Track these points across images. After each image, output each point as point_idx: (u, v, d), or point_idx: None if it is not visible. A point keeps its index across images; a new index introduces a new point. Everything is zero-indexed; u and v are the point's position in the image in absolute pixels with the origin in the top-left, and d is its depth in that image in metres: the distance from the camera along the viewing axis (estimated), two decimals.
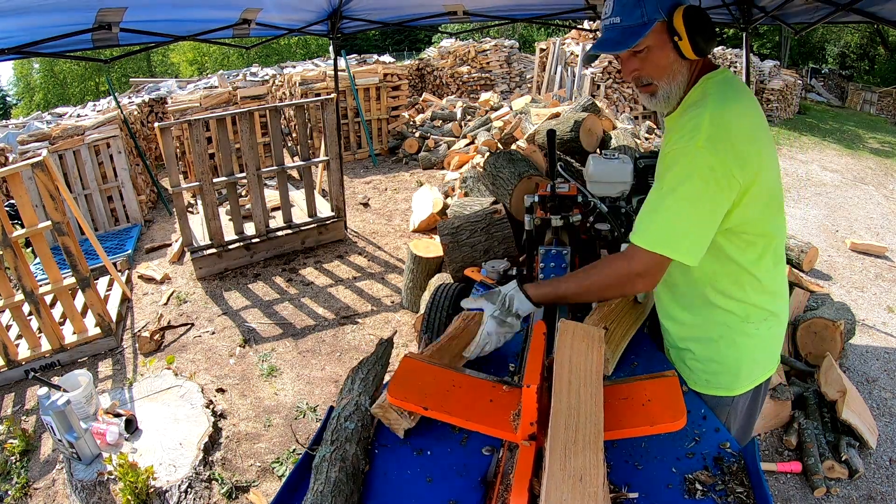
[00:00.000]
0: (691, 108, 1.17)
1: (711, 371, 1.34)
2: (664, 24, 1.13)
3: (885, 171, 8.17)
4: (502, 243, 3.01)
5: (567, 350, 1.03)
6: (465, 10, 4.13)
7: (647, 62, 1.18)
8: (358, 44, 25.66)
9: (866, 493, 2.38)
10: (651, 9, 1.12)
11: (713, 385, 1.34)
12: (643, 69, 1.19)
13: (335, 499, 0.96)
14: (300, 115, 4.70)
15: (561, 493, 0.79)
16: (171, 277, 4.64)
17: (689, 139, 1.10)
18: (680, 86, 1.20)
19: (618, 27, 1.15)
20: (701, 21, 1.12)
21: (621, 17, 1.14)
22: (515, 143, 5.07)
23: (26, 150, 5.41)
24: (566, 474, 0.81)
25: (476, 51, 11.65)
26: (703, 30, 1.12)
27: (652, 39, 1.15)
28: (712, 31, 1.14)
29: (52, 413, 2.33)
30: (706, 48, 1.14)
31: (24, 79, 28.12)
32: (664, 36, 1.14)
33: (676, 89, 1.20)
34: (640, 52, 1.17)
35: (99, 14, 2.67)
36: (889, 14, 2.88)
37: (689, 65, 1.19)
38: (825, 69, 20.20)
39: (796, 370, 2.96)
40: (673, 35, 1.13)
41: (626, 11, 1.14)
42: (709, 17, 1.14)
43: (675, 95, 1.21)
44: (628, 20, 1.14)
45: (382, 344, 1.40)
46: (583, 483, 0.80)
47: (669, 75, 1.18)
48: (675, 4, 1.14)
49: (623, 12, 1.14)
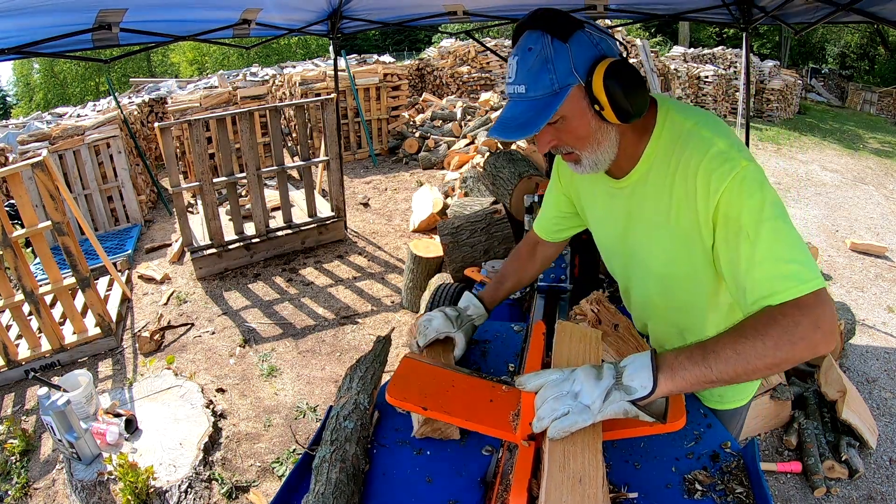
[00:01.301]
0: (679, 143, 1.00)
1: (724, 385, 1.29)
2: (581, 87, 0.93)
3: (885, 171, 8.17)
4: (502, 243, 3.01)
5: (565, 352, 1.02)
6: (465, 10, 4.13)
7: (564, 132, 0.99)
8: (358, 44, 25.65)
9: (866, 493, 2.38)
10: (563, 72, 0.91)
11: (727, 399, 1.29)
12: (560, 139, 1.00)
13: (337, 500, 0.96)
14: (300, 115, 4.70)
15: (561, 494, 0.78)
16: (171, 277, 4.64)
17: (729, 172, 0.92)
18: (608, 150, 1.02)
19: (523, 100, 0.93)
20: (624, 80, 0.90)
21: (526, 85, 0.92)
22: (515, 142, 5.07)
23: (26, 150, 5.41)
24: (565, 476, 0.81)
25: (476, 51, 11.65)
26: (628, 91, 0.91)
27: (567, 108, 0.94)
28: (641, 89, 0.94)
29: (52, 413, 2.33)
30: (635, 111, 0.94)
31: (24, 79, 28.12)
32: (583, 102, 0.94)
33: (604, 155, 1.02)
34: (554, 123, 0.97)
35: (99, 14, 2.67)
36: (889, 14, 2.88)
37: (615, 127, 1.00)
38: (825, 69, 20.20)
39: (796, 370, 2.96)
40: (593, 103, 0.94)
41: (533, 78, 0.92)
42: (634, 72, 0.92)
43: (604, 161, 1.03)
44: (535, 90, 0.92)
45: (380, 342, 1.40)
46: (582, 485, 0.80)
47: (593, 143, 1.00)
48: (595, 60, 0.92)
49: (528, 79, 0.92)
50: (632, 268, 1.22)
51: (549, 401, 0.86)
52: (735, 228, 0.92)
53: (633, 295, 1.29)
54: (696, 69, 11.00)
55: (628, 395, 0.84)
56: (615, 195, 1.14)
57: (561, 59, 0.91)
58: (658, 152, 1.03)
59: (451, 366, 1.18)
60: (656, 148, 1.03)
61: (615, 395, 0.84)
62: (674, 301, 1.17)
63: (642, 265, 1.17)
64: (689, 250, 1.04)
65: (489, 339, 1.53)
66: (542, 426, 0.85)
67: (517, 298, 2.18)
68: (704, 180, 0.94)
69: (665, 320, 1.25)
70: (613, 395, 0.84)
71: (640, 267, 1.19)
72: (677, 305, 1.17)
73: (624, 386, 0.84)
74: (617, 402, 0.84)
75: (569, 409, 0.84)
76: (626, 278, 1.28)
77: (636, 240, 1.15)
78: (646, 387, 0.83)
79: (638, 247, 1.15)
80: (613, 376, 0.86)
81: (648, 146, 1.04)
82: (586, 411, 0.84)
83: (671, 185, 1.01)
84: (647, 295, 1.22)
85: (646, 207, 1.08)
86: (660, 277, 1.14)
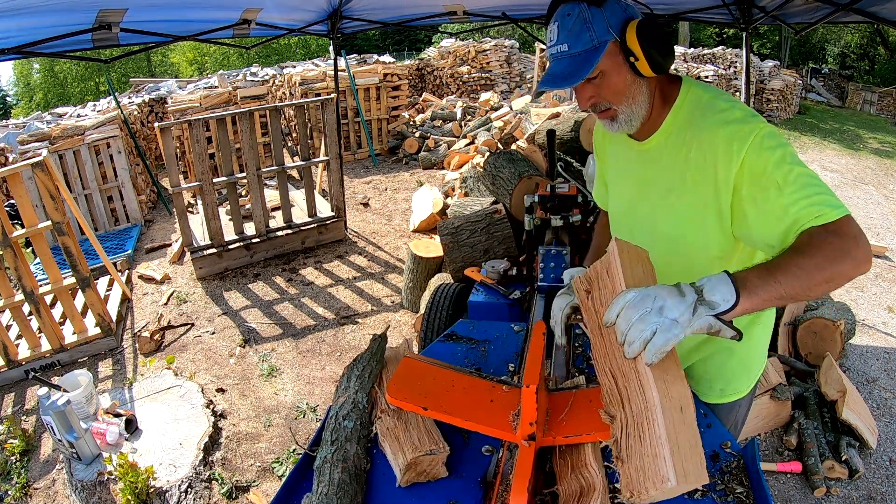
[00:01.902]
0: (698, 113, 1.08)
1: (726, 378, 1.32)
2: (617, 44, 1.03)
3: (885, 171, 8.17)
4: (502, 243, 3.01)
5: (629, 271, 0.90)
6: (465, 10, 4.13)
7: (603, 87, 1.08)
8: (358, 44, 25.65)
9: (866, 493, 2.38)
10: (601, 30, 1.02)
11: (728, 392, 1.32)
12: (599, 95, 1.09)
13: (340, 500, 0.96)
14: (300, 115, 4.70)
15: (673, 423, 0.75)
16: (171, 277, 4.64)
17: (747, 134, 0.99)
18: (641, 106, 1.11)
19: (566, 56, 1.04)
20: (656, 35, 1.02)
21: (569, 43, 1.03)
22: (515, 143, 5.07)
23: (26, 150, 5.41)
24: (672, 405, 0.77)
25: (476, 51, 11.65)
26: (659, 44, 1.02)
27: (606, 63, 1.04)
28: (669, 44, 1.04)
29: (52, 413, 2.33)
30: (665, 63, 1.05)
31: (24, 79, 28.13)
32: (618, 57, 1.05)
33: (638, 110, 1.11)
34: (594, 79, 1.07)
35: (99, 14, 2.67)
36: (889, 14, 2.88)
37: (647, 83, 1.10)
38: (825, 69, 20.18)
39: (796, 370, 2.96)
40: (628, 55, 1.04)
41: (574, 37, 1.02)
42: (663, 29, 1.04)
43: (637, 117, 1.12)
44: (577, 46, 1.03)
45: (376, 339, 1.39)
46: (683, 413, 0.77)
47: (629, 97, 1.09)
48: (626, 20, 1.03)
49: (570, 38, 1.03)
50: (639, 230, 1.26)
51: (634, 322, 0.82)
52: (763, 183, 0.98)
53: None
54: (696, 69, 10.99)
55: (712, 310, 0.83)
56: (635, 158, 1.22)
57: (597, 20, 1.02)
58: (678, 121, 1.12)
59: (451, 366, 1.18)
60: (677, 117, 1.12)
61: (701, 310, 0.83)
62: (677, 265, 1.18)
63: (651, 227, 1.21)
64: (701, 213, 1.10)
65: (489, 339, 1.53)
66: (635, 350, 0.81)
67: (517, 298, 2.18)
68: (725, 145, 1.02)
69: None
70: (700, 310, 0.83)
71: (648, 229, 1.22)
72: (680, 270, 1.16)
73: (707, 301, 0.84)
74: (703, 317, 0.83)
75: (657, 327, 0.80)
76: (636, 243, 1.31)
77: (648, 202, 1.20)
78: (728, 300, 0.84)
79: (649, 209, 1.21)
80: (694, 292, 0.85)
81: (670, 114, 1.13)
82: (675, 325, 0.81)
83: (687, 151, 1.09)
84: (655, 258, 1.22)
85: (661, 171, 1.15)
86: (667, 239, 1.18)
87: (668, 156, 1.13)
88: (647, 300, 0.83)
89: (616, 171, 1.33)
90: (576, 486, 0.93)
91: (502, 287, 2.27)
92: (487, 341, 1.51)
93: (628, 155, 1.24)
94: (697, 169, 1.07)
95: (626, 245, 0.95)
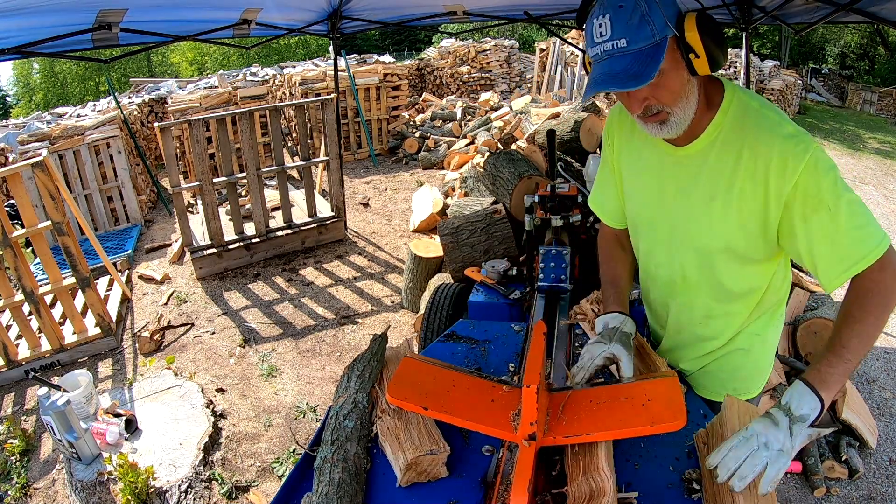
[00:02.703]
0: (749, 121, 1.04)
1: (741, 378, 1.33)
2: (675, 40, 0.95)
3: (885, 171, 8.17)
4: (502, 243, 3.01)
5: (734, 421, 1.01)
6: (465, 10, 4.13)
7: (661, 88, 0.98)
8: (358, 44, 25.65)
9: (866, 493, 2.38)
10: (660, 24, 0.92)
11: (740, 392, 1.33)
12: (657, 97, 0.99)
13: (340, 500, 0.96)
14: (300, 115, 4.70)
15: None
16: (171, 277, 4.64)
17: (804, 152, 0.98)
18: (692, 107, 1.02)
19: (626, 53, 0.93)
20: (716, 29, 0.95)
21: (627, 38, 0.92)
22: (515, 143, 5.07)
23: (26, 150, 5.41)
24: None
25: (476, 51, 11.65)
26: (718, 39, 0.95)
27: (666, 61, 0.94)
28: (724, 39, 0.98)
29: (52, 413, 2.33)
30: (721, 61, 0.97)
31: (24, 79, 28.13)
32: (677, 54, 0.96)
33: (690, 112, 1.02)
34: None
35: (99, 14, 2.67)
36: (889, 14, 2.88)
37: (698, 82, 1.02)
38: (825, 69, 20.18)
39: (796, 370, 2.95)
40: (687, 52, 0.95)
41: (633, 31, 0.92)
42: (717, 21, 1.00)
43: (687, 120, 1.03)
44: (637, 42, 0.92)
45: (376, 339, 1.39)
46: None
47: (683, 99, 1.00)
48: (679, 13, 0.96)
49: (629, 33, 0.92)
50: (669, 239, 1.21)
51: (745, 460, 0.89)
52: (814, 203, 0.99)
53: (660, 271, 1.27)
54: None
55: (805, 423, 0.92)
56: (670, 163, 1.15)
57: (655, 13, 0.93)
58: (725, 126, 1.06)
59: (451, 366, 1.18)
60: (723, 121, 1.06)
61: (796, 429, 0.91)
62: (710, 278, 1.18)
63: (685, 236, 1.17)
64: (745, 225, 1.07)
65: (489, 339, 1.53)
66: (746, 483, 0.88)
67: (517, 298, 2.18)
68: (780, 160, 0.99)
69: (693, 300, 1.24)
70: (795, 430, 0.91)
71: (680, 238, 1.18)
72: (712, 283, 1.18)
73: (797, 417, 0.92)
74: (802, 434, 0.92)
75: (767, 461, 0.88)
76: (656, 252, 1.26)
77: (684, 210, 1.15)
78: (815, 408, 0.93)
79: (683, 217, 1.16)
80: (786, 415, 0.93)
81: (716, 118, 1.07)
82: (783, 455, 0.89)
83: (737, 160, 1.04)
84: (681, 269, 1.21)
85: (702, 178, 1.10)
86: (702, 251, 1.15)
87: (713, 161, 1.08)
88: (752, 440, 0.91)
89: (641, 177, 1.24)
90: (586, 489, 0.93)
91: (502, 287, 2.27)
92: (487, 341, 1.51)
93: (662, 160, 1.17)
94: (747, 178, 1.03)
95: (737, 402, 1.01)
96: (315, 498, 0.97)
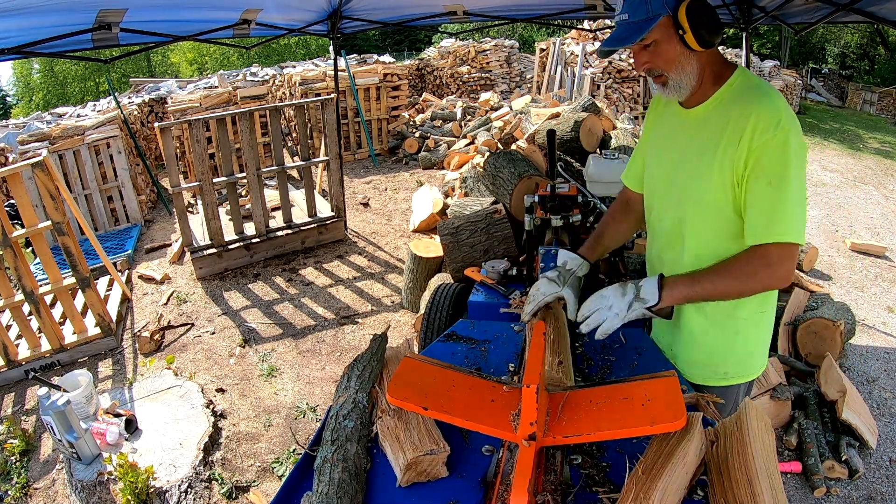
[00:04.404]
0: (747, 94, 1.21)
1: (731, 362, 1.39)
2: (670, 18, 1.19)
3: (885, 171, 8.17)
4: (502, 243, 3.01)
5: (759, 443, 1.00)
6: (465, 10, 4.13)
7: (656, 55, 1.25)
8: (358, 44, 25.64)
9: (866, 493, 2.38)
10: (656, 5, 1.19)
11: (731, 376, 1.40)
12: (653, 61, 1.26)
13: (340, 500, 0.96)
14: (300, 115, 4.70)
15: None
16: (171, 277, 4.64)
17: (775, 127, 1.14)
18: (690, 76, 1.25)
19: (626, 23, 1.22)
20: (705, 14, 1.18)
21: (629, 13, 1.21)
22: (515, 143, 5.07)
23: (26, 150, 5.41)
24: None
25: (476, 51, 11.65)
26: (706, 22, 1.18)
27: (658, 34, 1.21)
28: (717, 24, 1.20)
29: (52, 413, 2.32)
30: (711, 40, 1.20)
31: (24, 79, 28.09)
32: (670, 30, 1.20)
33: (687, 79, 1.26)
34: (648, 46, 1.24)
35: (99, 14, 2.67)
36: (889, 14, 2.88)
37: (697, 56, 1.24)
38: (825, 69, 20.18)
39: (796, 370, 2.96)
40: (678, 29, 1.19)
41: (633, 8, 1.20)
42: (713, 10, 1.20)
43: (686, 85, 1.27)
44: (635, 16, 1.20)
45: (377, 339, 1.39)
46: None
47: (678, 66, 1.24)
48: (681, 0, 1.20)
49: (630, 9, 1.21)
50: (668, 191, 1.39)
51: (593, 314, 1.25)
52: (761, 171, 1.17)
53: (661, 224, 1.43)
54: None
55: (643, 305, 1.25)
56: (679, 124, 1.36)
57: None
58: (726, 95, 1.26)
59: (451, 366, 1.18)
60: (726, 92, 1.26)
61: (635, 305, 1.25)
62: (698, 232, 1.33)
63: (680, 188, 1.34)
64: (723, 178, 1.24)
65: (489, 339, 1.53)
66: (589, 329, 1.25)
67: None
68: (755, 124, 1.17)
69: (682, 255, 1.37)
70: (634, 305, 1.25)
71: (677, 190, 1.35)
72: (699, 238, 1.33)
73: (639, 298, 1.25)
74: (637, 309, 1.25)
75: (606, 317, 1.24)
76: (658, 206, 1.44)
77: (687, 165, 1.32)
78: (654, 298, 1.24)
79: (686, 172, 1.32)
80: (633, 292, 1.26)
81: (721, 89, 1.27)
82: (617, 318, 1.25)
83: (727, 121, 1.22)
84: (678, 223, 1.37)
85: (700, 135, 1.29)
86: (693, 202, 1.31)
87: (711, 124, 1.26)
88: (604, 300, 1.27)
89: (660, 140, 1.44)
90: None
91: (502, 287, 2.27)
92: (487, 341, 1.51)
93: (675, 122, 1.37)
94: (733, 135, 1.20)
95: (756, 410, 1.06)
96: (315, 498, 0.97)
